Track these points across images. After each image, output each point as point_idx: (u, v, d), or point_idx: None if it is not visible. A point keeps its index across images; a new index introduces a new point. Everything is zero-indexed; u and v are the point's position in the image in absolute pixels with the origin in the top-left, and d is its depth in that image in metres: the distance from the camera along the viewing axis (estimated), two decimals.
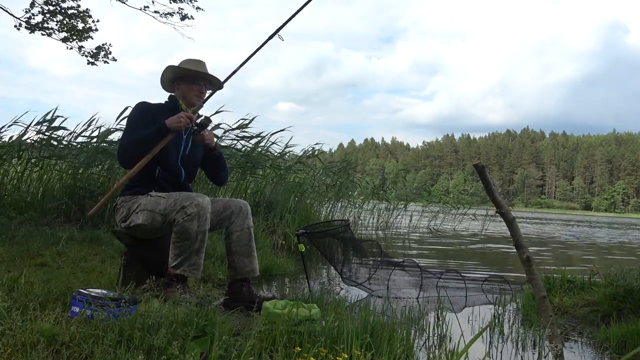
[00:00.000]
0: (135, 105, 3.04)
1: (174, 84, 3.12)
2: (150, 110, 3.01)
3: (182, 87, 3.08)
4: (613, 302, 3.38)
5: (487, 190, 2.07)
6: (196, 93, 3.07)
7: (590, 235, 16.19)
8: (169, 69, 3.09)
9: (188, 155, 3.04)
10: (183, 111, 2.98)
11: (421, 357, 2.47)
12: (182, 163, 3.02)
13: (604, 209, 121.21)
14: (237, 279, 2.93)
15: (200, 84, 3.08)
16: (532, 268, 2.07)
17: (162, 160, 2.92)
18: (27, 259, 3.73)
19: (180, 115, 2.87)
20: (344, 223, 4.65)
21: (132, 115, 3.02)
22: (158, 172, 2.93)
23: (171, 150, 2.94)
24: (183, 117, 2.86)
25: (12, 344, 1.65)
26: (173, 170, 2.98)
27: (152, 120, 2.91)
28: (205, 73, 3.09)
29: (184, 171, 3.04)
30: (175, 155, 2.98)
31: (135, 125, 2.94)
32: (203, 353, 1.84)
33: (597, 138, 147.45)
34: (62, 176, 6.53)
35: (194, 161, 3.11)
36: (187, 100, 3.07)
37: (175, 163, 2.99)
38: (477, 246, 9.80)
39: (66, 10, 8.30)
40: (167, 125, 2.84)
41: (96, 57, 8.77)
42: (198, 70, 3.07)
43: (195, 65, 3.09)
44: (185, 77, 3.07)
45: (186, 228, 2.68)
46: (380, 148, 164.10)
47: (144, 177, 2.91)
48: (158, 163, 2.91)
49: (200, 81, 3.08)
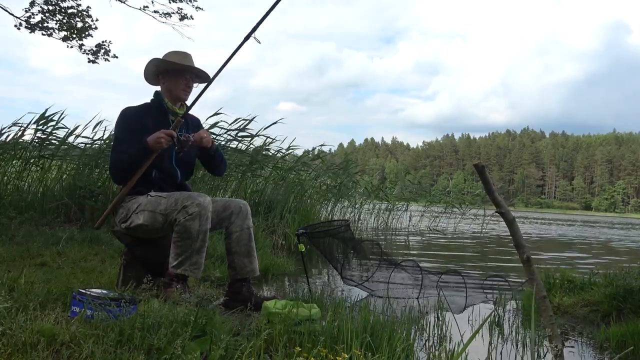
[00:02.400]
0: (120, 114, 2.98)
1: (159, 77, 3.03)
2: (135, 116, 2.95)
3: (168, 81, 3.00)
4: (613, 302, 3.38)
5: (487, 190, 2.07)
6: (183, 87, 3.00)
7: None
8: (152, 62, 3.01)
9: (182, 157, 3.00)
10: (167, 114, 2.95)
11: (421, 357, 2.47)
12: (177, 164, 3.00)
13: (604, 209, 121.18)
14: (237, 279, 2.92)
15: (187, 77, 3.00)
16: (532, 268, 2.06)
17: (157, 163, 2.90)
18: (27, 259, 3.73)
19: (160, 136, 2.78)
20: (344, 223, 4.65)
21: (118, 125, 2.96)
22: (155, 174, 2.91)
23: (165, 152, 2.91)
24: (164, 137, 2.78)
25: (12, 344, 1.65)
26: (169, 172, 2.97)
27: (139, 126, 2.87)
28: (192, 66, 3.00)
29: (180, 171, 3.02)
30: (169, 157, 2.95)
31: (123, 135, 2.91)
32: (203, 353, 1.84)
33: (597, 138, 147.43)
34: (62, 176, 6.54)
35: (189, 160, 3.08)
36: (173, 94, 3.00)
37: (170, 164, 2.97)
38: (477, 246, 9.80)
39: (66, 9, 8.31)
40: (149, 146, 2.78)
41: (96, 55, 8.78)
42: (184, 64, 2.98)
43: (181, 58, 3.00)
44: (171, 71, 2.99)
45: (187, 227, 2.68)
46: (380, 148, 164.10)
47: (141, 179, 2.89)
48: (154, 166, 2.89)
49: (186, 74, 3.00)
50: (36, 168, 6.62)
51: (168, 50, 3.09)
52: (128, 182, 2.86)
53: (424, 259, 6.74)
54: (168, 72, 3.00)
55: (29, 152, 6.63)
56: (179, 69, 2.99)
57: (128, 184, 2.88)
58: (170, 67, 2.99)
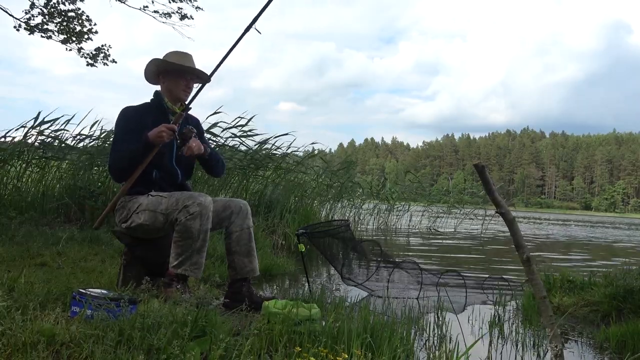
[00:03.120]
0: (120, 113, 2.98)
1: (159, 77, 3.04)
2: (135, 115, 2.95)
3: (168, 81, 3.00)
4: (613, 302, 3.38)
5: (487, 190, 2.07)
6: (183, 88, 3.00)
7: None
8: (153, 62, 3.01)
9: (180, 155, 2.99)
10: (167, 113, 2.93)
11: (421, 357, 2.47)
12: (177, 164, 3.00)
13: (604, 209, 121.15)
14: (237, 279, 2.92)
15: (188, 78, 3.01)
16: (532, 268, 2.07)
17: (158, 162, 2.90)
18: (27, 259, 3.73)
19: (161, 130, 2.77)
20: (344, 223, 4.65)
21: (118, 124, 2.95)
22: (155, 174, 2.91)
23: (165, 152, 2.92)
24: (165, 131, 2.78)
25: (12, 344, 1.65)
26: (169, 172, 2.96)
27: (139, 125, 2.85)
28: (193, 68, 3.01)
29: (180, 171, 3.02)
30: (169, 157, 2.96)
31: (122, 135, 2.90)
32: (203, 353, 1.84)
33: (597, 138, 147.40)
34: (62, 176, 6.54)
35: (187, 159, 3.05)
36: (173, 95, 3.00)
37: (170, 164, 2.97)
38: (477, 246, 9.79)
39: (65, 12, 8.30)
40: (150, 140, 2.78)
41: (95, 59, 8.77)
42: (184, 65, 2.98)
43: (182, 58, 3.00)
44: (171, 71, 2.99)
45: (188, 227, 2.68)
46: (380, 148, 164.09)
47: (142, 179, 2.89)
48: (154, 166, 2.89)
49: (187, 75, 3.01)
50: (37, 169, 6.62)
51: (168, 51, 3.09)
52: (128, 180, 2.86)
53: (424, 259, 6.74)
54: (168, 73, 3.00)
55: (30, 154, 6.63)
56: (180, 69, 2.99)
57: (127, 183, 2.87)
58: (171, 68, 2.99)
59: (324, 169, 9.65)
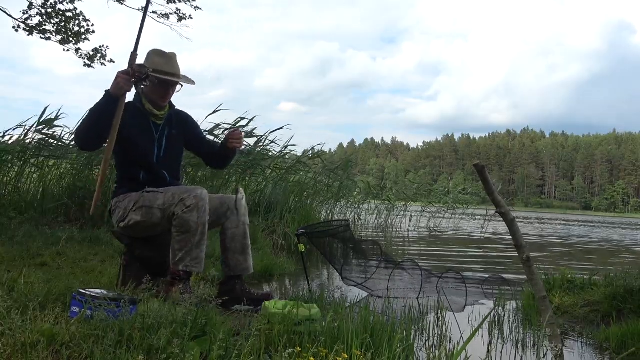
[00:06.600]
0: None
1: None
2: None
3: (149, 85, 2.91)
4: (613, 302, 3.38)
5: (487, 190, 2.07)
6: (162, 95, 2.93)
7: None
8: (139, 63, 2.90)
9: (163, 157, 2.96)
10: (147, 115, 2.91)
11: (421, 357, 2.47)
12: (160, 165, 2.95)
13: (604, 209, 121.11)
14: (231, 276, 2.92)
15: (168, 87, 2.94)
16: (532, 268, 2.07)
17: (143, 163, 2.89)
18: (27, 259, 3.73)
19: (117, 77, 2.70)
20: (344, 223, 4.65)
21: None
22: (142, 176, 2.90)
23: (148, 154, 2.90)
24: (120, 78, 2.70)
25: (12, 344, 1.65)
26: (155, 173, 2.93)
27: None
28: (176, 80, 2.94)
29: (165, 172, 2.97)
30: (151, 158, 2.93)
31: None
32: (203, 353, 1.84)
33: (597, 138, 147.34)
34: (62, 176, 6.53)
35: (172, 160, 3.02)
36: (150, 98, 2.94)
37: (154, 166, 2.93)
38: (477, 246, 9.80)
39: (64, 12, 8.30)
40: (111, 93, 2.71)
41: (92, 60, 8.77)
42: (169, 79, 2.90)
43: (166, 63, 2.92)
44: (152, 77, 2.88)
45: (186, 220, 2.67)
46: (381, 148, 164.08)
47: (130, 181, 2.88)
48: (141, 167, 2.89)
49: (168, 85, 2.93)
50: (36, 169, 6.62)
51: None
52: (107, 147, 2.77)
53: (424, 259, 6.74)
54: (149, 77, 2.87)
55: (29, 153, 6.62)
56: (163, 80, 2.90)
57: (106, 151, 2.80)
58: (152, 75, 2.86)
59: (322, 168, 9.64)
